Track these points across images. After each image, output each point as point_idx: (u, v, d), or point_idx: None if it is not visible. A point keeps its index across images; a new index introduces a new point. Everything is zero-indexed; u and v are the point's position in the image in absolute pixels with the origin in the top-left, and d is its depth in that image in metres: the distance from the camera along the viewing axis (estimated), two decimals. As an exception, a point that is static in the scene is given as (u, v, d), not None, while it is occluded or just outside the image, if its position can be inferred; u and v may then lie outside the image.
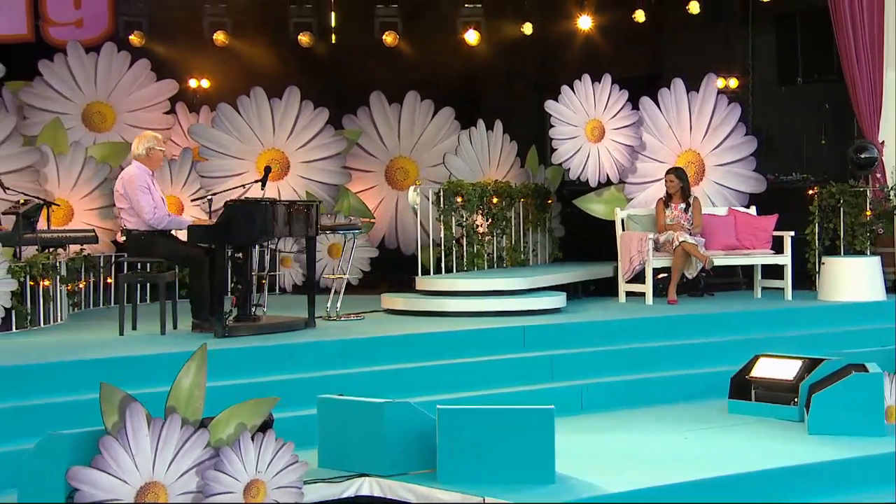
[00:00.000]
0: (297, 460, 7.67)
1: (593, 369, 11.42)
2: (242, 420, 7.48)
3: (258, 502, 7.59)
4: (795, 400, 10.13)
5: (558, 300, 12.91)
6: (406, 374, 10.68)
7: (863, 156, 14.59)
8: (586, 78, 15.16)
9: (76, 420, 7.88)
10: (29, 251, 12.87)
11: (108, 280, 14.81)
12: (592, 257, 15.61)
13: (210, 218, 12.65)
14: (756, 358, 10.58)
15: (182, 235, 11.87)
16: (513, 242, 15.27)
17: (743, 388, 10.45)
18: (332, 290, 13.20)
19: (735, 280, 14.87)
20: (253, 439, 7.43)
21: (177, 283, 12.57)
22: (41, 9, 16.89)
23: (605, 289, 14.73)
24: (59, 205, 14.48)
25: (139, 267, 12.17)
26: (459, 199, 14.35)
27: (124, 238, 11.84)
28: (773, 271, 14.36)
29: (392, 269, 16.18)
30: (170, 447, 7.16)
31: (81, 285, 12.85)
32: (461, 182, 14.85)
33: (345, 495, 8.25)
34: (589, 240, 15.76)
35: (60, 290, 12.51)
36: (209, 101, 17.59)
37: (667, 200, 13.96)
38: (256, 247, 12.72)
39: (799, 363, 10.29)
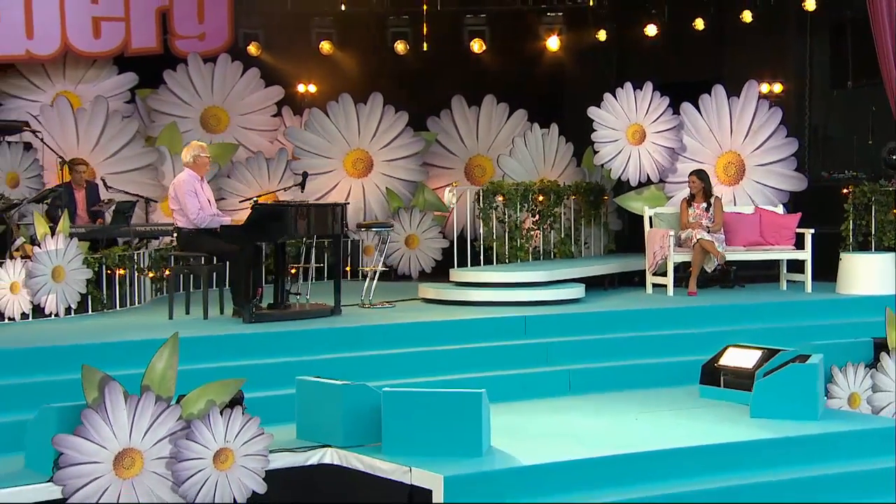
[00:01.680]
0: (263, 432, 8.38)
1: (583, 356, 11.80)
2: (212, 397, 8.25)
3: (226, 468, 8.31)
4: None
5: (577, 291, 13.31)
6: (405, 358, 11.24)
7: (895, 157, 14.71)
8: (628, 86, 15.43)
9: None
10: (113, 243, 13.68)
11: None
12: (642, 250, 15.77)
13: None
14: (726, 348, 10.97)
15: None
16: (562, 236, 15.62)
17: (713, 375, 10.83)
18: (367, 280, 13.69)
19: (773, 272, 15.01)
20: (222, 414, 8.18)
21: (227, 274, 13.23)
22: (169, 24, 17.40)
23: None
24: (156, 201, 15.30)
25: (191, 261, 12.73)
26: (501, 199, 14.79)
27: (175, 235, 12.69)
28: (803, 266, 14.54)
29: (462, 260, 16.46)
30: (145, 419, 7.96)
31: (167, 273, 13.28)
32: (501, 183, 15.32)
33: (309, 463, 8.87)
34: (642, 233, 15.85)
35: (142, 278, 13.31)
36: (313, 105, 18.08)
37: (690, 200, 14.31)
38: (306, 239, 13.41)
39: (759, 353, 10.68)
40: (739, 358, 10.81)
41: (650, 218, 14.61)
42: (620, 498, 8.71)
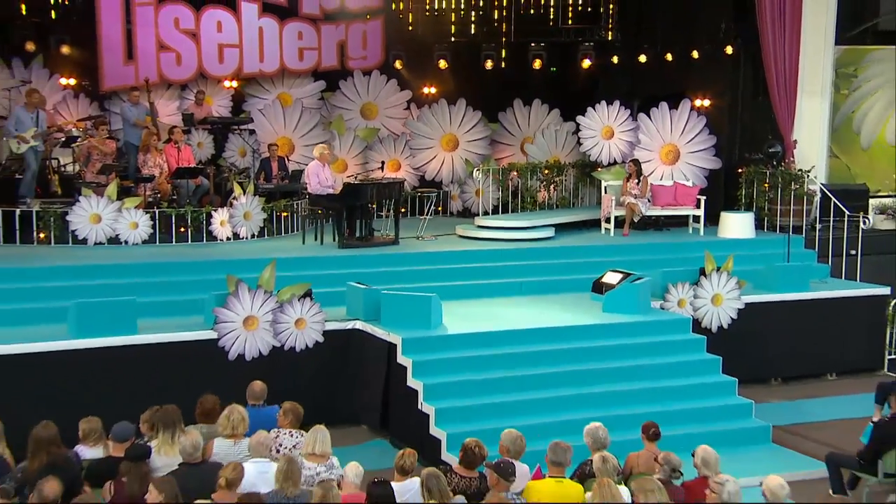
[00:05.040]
0: (321, 310, 10.56)
1: (535, 271, 13.18)
2: (294, 292, 10.51)
3: (301, 328, 10.51)
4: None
5: (548, 231, 14.52)
6: (413, 274, 12.47)
7: (770, 150, 15.36)
8: (603, 102, 16.10)
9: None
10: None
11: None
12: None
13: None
14: (607, 271, 12.33)
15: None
16: (562, 194, 16.63)
17: (598, 287, 12.16)
18: (422, 219, 14.78)
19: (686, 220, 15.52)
20: (299, 300, 10.45)
21: (345, 217, 13.44)
22: (345, 50, 17.72)
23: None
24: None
25: (318, 211, 13.61)
26: (516, 173, 16.05)
27: (307, 195, 13.87)
28: (712, 217, 15.12)
29: (496, 210, 16.36)
30: (258, 301, 10.24)
31: (320, 212, 13.66)
32: (514, 164, 16.40)
33: (348, 327, 10.79)
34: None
35: (296, 217, 14.38)
36: (432, 103, 17.98)
37: (628, 177, 15.18)
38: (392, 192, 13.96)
39: (621, 275, 12.02)
40: (612, 277, 12.11)
41: (605, 188, 15.46)
42: (506, 352, 10.44)
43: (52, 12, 16.71)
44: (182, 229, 13.20)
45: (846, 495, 8.80)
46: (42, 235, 12.66)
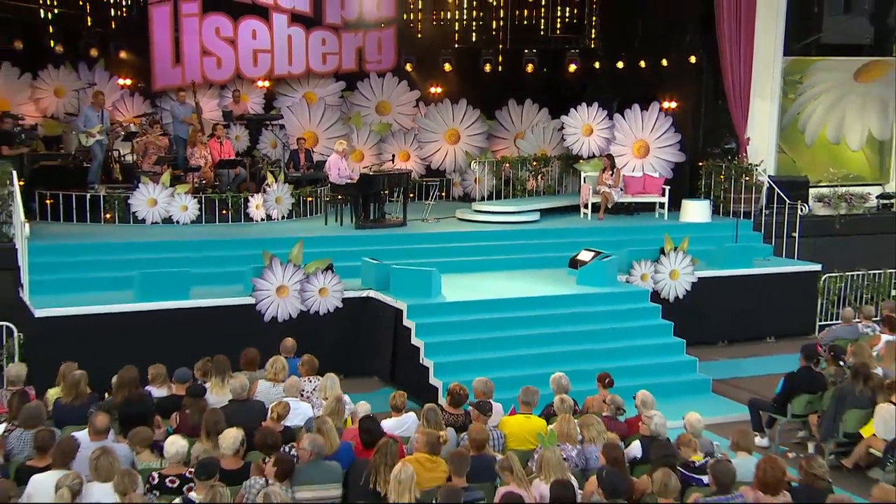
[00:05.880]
0: (340, 281, 11.36)
1: (520, 250, 13.76)
2: (317, 266, 11.34)
3: (325, 296, 11.35)
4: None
5: (534, 215, 14.99)
6: (418, 251, 13.01)
7: (726, 146, 15.94)
8: (584, 104, 16.45)
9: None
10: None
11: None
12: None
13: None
14: (582, 249, 12.95)
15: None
16: (549, 182, 16.98)
17: (574, 263, 12.80)
18: (427, 204, 15.12)
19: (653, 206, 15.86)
20: (322, 272, 11.30)
21: (361, 202, 13.82)
22: (363, 55, 18.12)
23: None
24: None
25: (337, 196, 14.20)
26: (507, 165, 16.55)
27: (329, 183, 14.37)
28: (676, 204, 15.49)
29: (490, 196, 16.39)
30: (289, 273, 11.07)
31: (339, 197, 14.27)
32: (506, 157, 16.88)
33: (362, 295, 11.56)
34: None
35: (320, 201, 14.72)
36: (437, 101, 18.33)
37: (604, 169, 15.66)
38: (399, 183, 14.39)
39: (594, 253, 12.65)
40: (586, 255, 12.77)
41: (584, 178, 15.90)
42: (494, 317, 11.26)
43: (113, 23, 17.41)
44: (224, 212, 13.86)
45: (763, 433, 9.78)
46: (108, 216, 13.47)
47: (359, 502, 6.59)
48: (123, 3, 17.67)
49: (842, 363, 9.78)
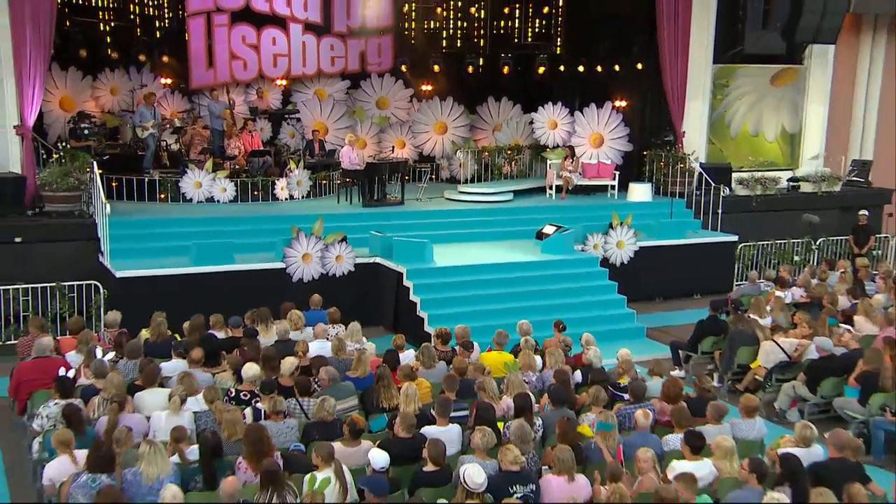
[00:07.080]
0: (353, 249, 12.37)
1: (497, 224, 14.51)
2: (335, 237, 12.37)
3: (340, 262, 12.45)
4: (550, 241, 12.98)
5: (508, 195, 15.65)
6: (414, 226, 13.65)
7: (666, 139, 16.64)
8: (549, 103, 17.13)
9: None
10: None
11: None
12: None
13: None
14: (546, 224, 13.80)
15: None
16: (521, 168, 17.70)
17: (540, 235, 13.52)
18: (420, 186, 15.65)
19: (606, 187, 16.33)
20: (339, 243, 12.39)
21: (367, 184, 14.36)
22: (365, 57, 18.16)
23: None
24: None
25: (347, 179, 14.79)
26: (486, 154, 17.32)
27: (341, 169, 15.08)
28: (624, 186, 16.03)
29: (472, 179, 16.74)
30: (311, 243, 12.13)
31: (339, 183, 15.07)
32: (486, 146, 17.58)
33: (370, 261, 12.47)
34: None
35: (332, 183, 15.26)
36: (428, 98, 18.64)
37: (566, 157, 16.23)
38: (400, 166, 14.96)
39: (556, 228, 13.48)
40: (549, 229, 13.62)
41: (549, 164, 16.45)
42: (475, 279, 12.18)
43: (157, 33, 18.13)
44: (255, 193, 14.57)
45: (681, 366, 11.15)
46: (162, 196, 14.46)
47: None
48: (166, 16, 18.37)
49: (740, 312, 11.20)
